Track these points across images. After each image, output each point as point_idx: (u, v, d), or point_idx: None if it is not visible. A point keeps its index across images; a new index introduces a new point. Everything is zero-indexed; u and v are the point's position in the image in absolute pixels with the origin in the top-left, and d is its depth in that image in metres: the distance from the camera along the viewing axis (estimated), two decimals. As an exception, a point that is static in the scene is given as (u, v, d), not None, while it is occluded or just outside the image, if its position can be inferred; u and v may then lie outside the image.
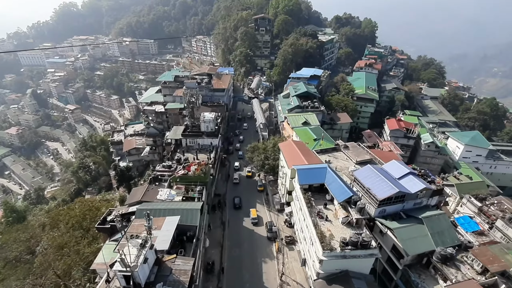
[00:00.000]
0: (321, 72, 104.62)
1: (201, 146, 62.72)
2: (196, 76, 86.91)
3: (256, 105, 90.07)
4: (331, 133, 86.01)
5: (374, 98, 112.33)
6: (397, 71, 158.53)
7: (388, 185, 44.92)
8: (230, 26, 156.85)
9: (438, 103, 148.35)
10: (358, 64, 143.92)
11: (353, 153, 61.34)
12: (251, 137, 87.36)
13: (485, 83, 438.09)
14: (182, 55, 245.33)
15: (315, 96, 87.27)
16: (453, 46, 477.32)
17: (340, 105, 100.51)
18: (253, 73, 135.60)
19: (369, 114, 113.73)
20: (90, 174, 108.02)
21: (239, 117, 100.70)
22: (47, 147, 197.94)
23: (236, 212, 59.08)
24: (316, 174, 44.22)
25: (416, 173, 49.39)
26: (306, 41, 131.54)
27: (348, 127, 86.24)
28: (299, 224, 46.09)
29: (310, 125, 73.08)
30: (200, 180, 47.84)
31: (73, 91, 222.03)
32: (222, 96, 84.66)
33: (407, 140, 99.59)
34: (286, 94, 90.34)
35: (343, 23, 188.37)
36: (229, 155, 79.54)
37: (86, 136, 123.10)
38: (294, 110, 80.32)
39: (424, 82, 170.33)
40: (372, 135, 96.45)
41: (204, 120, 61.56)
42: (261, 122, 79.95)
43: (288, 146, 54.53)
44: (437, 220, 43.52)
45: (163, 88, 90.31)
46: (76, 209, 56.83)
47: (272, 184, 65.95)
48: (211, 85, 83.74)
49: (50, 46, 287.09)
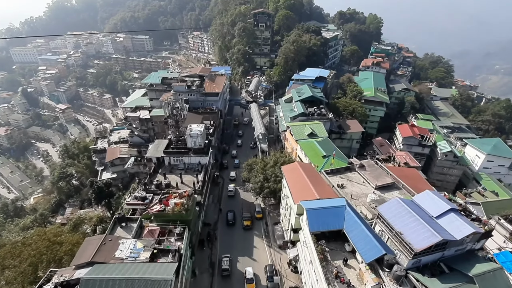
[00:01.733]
0: (327, 72, 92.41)
1: (187, 166, 51.06)
2: (186, 78, 74.70)
3: (255, 111, 77.89)
4: (339, 143, 74.36)
5: (385, 101, 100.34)
6: (405, 70, 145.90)
7: (427, 230, 33.44)
8: (227, 21, 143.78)
9: (448, 104, 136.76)
10: (364, 63, 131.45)
11: (371, 174, 49.81)
12: (248, 150, 75.82)
13: (487, 80, 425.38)
14: (179, 52, 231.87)
15: (321, 101, 75.19)
16: (455, 43, 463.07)
17: (348, 109, 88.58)
18: (251, 73, 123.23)
19: (378, 119, 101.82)
20: (72, 184, 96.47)
21: (235, 123, 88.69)
22: (37, 149, 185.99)
23: (229, 230, 50.65)
24: (331, 216, 32.73)
25: (458, 209, 37.96)
26: (309, 38, 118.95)
27: (359, 137, 74.47)
28: (309, 279, 34.67)
29: (317, 137, 61.33)
30: (181, 219, 36.41)
31: (64, 89, 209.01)
32: (216, 101, 72.56)
33: (421, 148, 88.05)
34: (288, 98, 78.29)
35: (347, 19, 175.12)
36: (223, 170, 67.94)
37: (69, 142, 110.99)
38: (298, 118, 68.42)
39: (432, 81, 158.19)
40: (384, 144, 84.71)
41: (190, 135, 49.75)
42: (260, 132, 68.07)
43: (293, 172, 42.78)
44: (493, 279, 32.10)
45: (149, 91, 78.29)
46: (32, 244, 45.35)
47: (272, 209, 54.49)
48: (203, 89, 71.57)
49: (43, 41, 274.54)
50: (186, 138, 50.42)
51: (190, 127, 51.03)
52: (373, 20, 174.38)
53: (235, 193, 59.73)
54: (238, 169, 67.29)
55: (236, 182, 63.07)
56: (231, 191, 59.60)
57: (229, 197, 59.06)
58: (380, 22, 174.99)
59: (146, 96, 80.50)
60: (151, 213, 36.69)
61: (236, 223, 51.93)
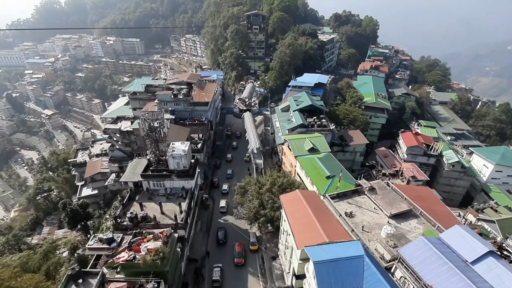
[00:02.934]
0: (326, 78, 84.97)
1: (169, 191, 42.92)
2: (172, 86, 66.47)
3: (249, 121, 69.59)
4: (341, 156, 66.92)
5: (387, 107, 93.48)
6: (403, 73, 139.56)
7: (465, 284, 26.16)
8: (219, 24, 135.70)
9: (448, 108, 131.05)
10: (362, 67, 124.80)
11: (383, 199, 42.32)
12: (242, 164, 67.97)
13: (477, 82, 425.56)
14: (171, 55, 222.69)
15: (321, 110, 67.57)
16: (446, 45, 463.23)
17: (349, 117, 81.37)
18: (245, 77, 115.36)
19: (379, 126, 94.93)
20: (50, 200, 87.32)
21: (228, 133, 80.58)
22: (22, 157, 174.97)
23: (219, 250, 45.80)
24: (347, 272, 25.04)
25: (495, 251, 30.69)
26: (305, 41, 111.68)
27: (363, 149, 67.11)
28: None
29: (318, 152, 53.74)
30: (155, 270, 28.37)
31: (51, 94, 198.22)
32: (205, 111, 64.44)
33: (427, 158, 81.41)
34: (285, 106, 70.56)
35: (342, 21, 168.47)
36: (214, 189, 59.94)
37: (48, 154, 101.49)
38: (297, 129, 60.83)
39: (430, 85, 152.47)
40: (388, 155, 77.61)
41: (173, 155, 41.63)
42: (254, 146, 60.19)
43: (295, 203, 34.98)
44: None
45: (132, 100, 69.74)
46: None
47: (270, 239, 46.64)
48: (191, 98, 63.47)
49: (31, 44, 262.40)
50: (168, 158, 42.29)
51: (173, 145, 42.87)
52: (369, 22, 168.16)
53: (227, 209, 53.80)
54: (231, 180, 61.29)
55: (228, 196, 57.01)
56: (223, 207, 54.29)
57: (221, 213, 53.68)
58: (376, 24, 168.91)
59: (130, 105, 72.01)
60: (117, 263, 28.51)
61: (227, 242, 46.64)
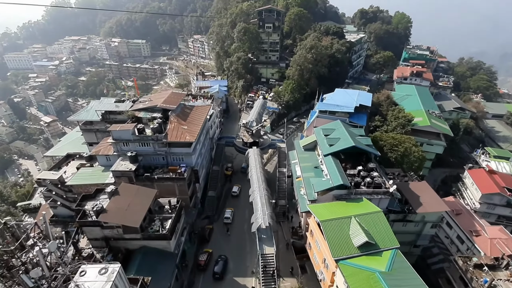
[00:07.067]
0: (370, 98, 57.32)
1: None
2: (140, 114, 42.04)
3: (255, 168, 42.80)
4: (399, 226, 40.70)
5: (446, 132, 65.52)
6: (447, 80, 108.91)
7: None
8: (226, 22, 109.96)
9: (505, 124, 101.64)
10: (400, 73, 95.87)
11: None
12: (244, 236, 42.77)
13: (506, 82, 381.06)
14: (178, 57, 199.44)
15: (369, 154, 40.93)
16: (470, 44, 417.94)
17: (398, 151, 54.54)
18: (255, 88, 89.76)
19: (433, 156, 67.13)
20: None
21: (227, 172, 55.39)
22: (18, 167, 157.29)
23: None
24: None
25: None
26: (330, 42, 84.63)
27: (438, 219, 40.33)
28: None
29: (376, 248, 28.04)
30: None
31: (53, 99, 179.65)
32: (188, 155, 39.67)
33: (510, 210, 53.92)
34: (309, 143, 44.72)
35: (369, 19, 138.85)
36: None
37: (7, 186, 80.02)
38: (333, 191, 35.05)
39: (476, 93, 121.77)
40: (462, 211, 50.53)
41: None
42: (261, 221, 34.62)
43: None
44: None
45: (86, 132, 46.08)
46: None
47: None
48: (164, 135, 38.80)
49: (40, 46, 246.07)
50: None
51: (81, 275, 18.31)
52: (401, 19, 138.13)
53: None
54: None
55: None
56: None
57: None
58: (409, 21, 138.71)
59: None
60: None
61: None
